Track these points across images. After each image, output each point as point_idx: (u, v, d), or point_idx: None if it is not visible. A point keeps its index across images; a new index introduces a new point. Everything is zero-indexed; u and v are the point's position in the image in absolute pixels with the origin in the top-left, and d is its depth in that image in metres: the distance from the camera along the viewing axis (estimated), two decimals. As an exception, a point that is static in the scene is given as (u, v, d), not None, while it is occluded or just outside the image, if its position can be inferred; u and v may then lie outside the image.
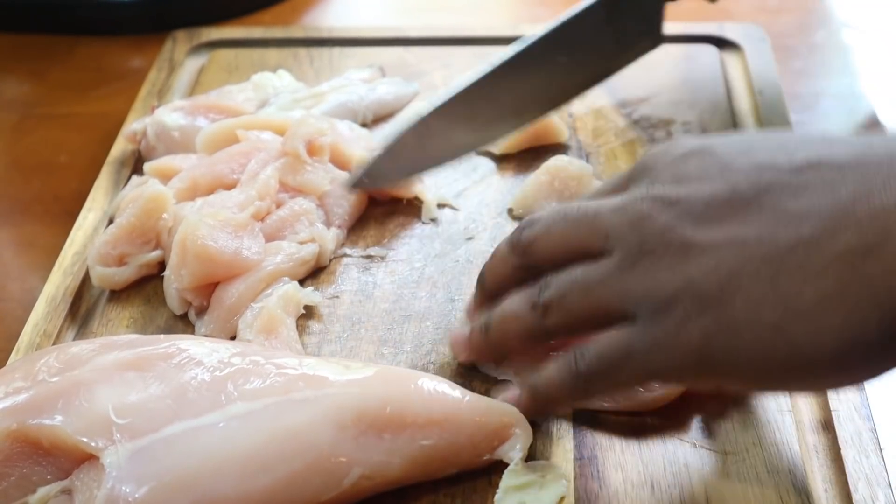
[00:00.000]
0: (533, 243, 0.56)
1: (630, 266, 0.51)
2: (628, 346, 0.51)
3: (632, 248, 0.52)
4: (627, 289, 0.51)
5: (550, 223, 0.56)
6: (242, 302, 0.64)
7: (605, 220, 0.53)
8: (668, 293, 0.50)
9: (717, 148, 0.53)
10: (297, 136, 0.71)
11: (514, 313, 0.56)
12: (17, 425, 0.50)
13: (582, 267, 0.53)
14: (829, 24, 0.99)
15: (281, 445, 0.50)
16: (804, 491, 0.53)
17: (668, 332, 0.50)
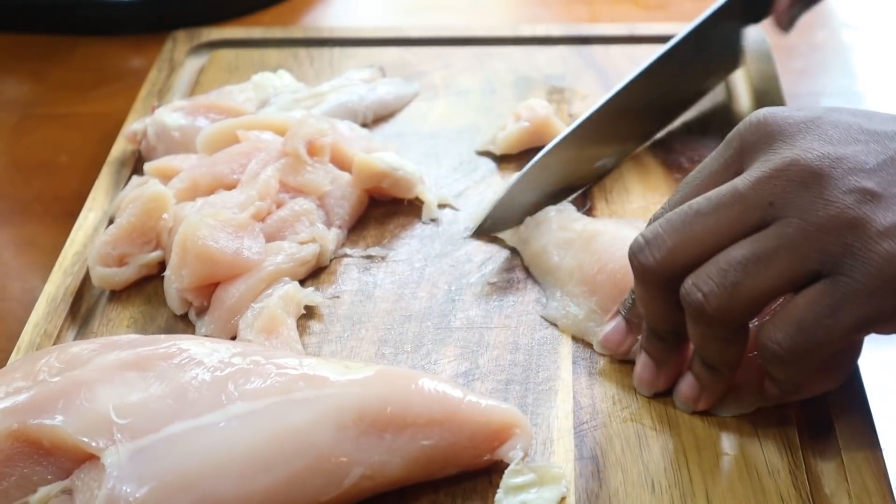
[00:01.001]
0: (668, 258, 0.53)
1: (815, 223, 0.50)
2: (834, 303, 0.50)
3: (810, 205, 0.50)
4: (821, 245, 0.50)
5: (681, 226, 0.53)
6: (243, 302, 0.64)
7: (761, 190, 0.52)
8: (866, 241, 0.49)
9: (842, 117, 0.54)
10: (297, 137, 0.71)
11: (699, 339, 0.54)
12: (17, 425, 0.50)
13: (742, 245, 0.51)
14: (829, 24, 0.99)
15: (281, 445, 0.50)
16: (804, 491, 0.53)
17: (884, 275, 0.49)
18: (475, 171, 0.77)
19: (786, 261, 0.50)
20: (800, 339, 0.51)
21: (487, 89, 0.86)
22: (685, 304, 0.53)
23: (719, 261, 0.52)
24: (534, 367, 0.61)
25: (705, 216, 0.52)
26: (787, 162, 0.52)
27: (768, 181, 0.52)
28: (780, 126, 0.54)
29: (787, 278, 0.51)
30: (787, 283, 0.51)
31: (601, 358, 0.61)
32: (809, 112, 0.55)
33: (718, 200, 0.52)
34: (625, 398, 0.59)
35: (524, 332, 0.63)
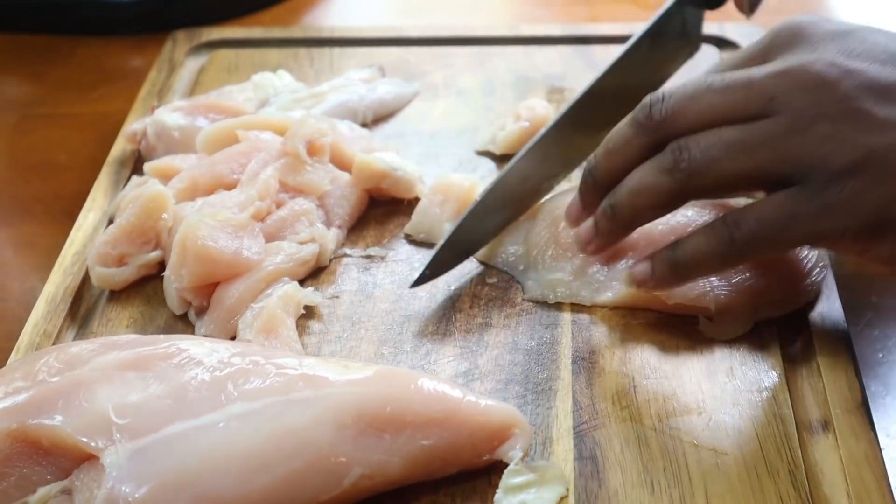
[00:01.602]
0: (673, 118, 0.56)
1: (802, 129, 0.53)
2: (795, 210, 0.53)
3: (805, 111, 0.53)
4: (799, 152, 0.53)
5: (692, 93, 0.56)
6: (243, 302, 0.64)
7: (767, 84, 0.54)
8: (846, 162, 0.52)
9: (873, 36, 0.56)
10: (297, 137, 0.71)
11: (647, 184, 0.57)
12: (17, 425, 0.50)
13: (735, 129, 0.54)
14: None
15: (281, 445, 0.50)
16: (804, 491, 0.53)
17: (842, 198, 0.52)
18: (475, 171, 0.77)
19: (764, 157, 0.54)
20: (757, 230, 0.54)
21: (487, 89, 0.86)
22: (665, 155, 0.56)
23: (710, 135, 0.55)
24: (533, 367, 0.61)
25: (714, 93, 0.56)
26: (800, 63, 0.54)
27: (777, 77, 0.54)
28: (809, 31, 0.56)
29: (760, 173, 0.54)
30: (759, 177, 0.54)
31: (601, 358, 0.61)
32: (844, 25, 0.57)
33: (730, 82, 0.56)
34: (624, 398, 0.59)
35: (524, 332, 0.63)
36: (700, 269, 0.58)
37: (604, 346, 0.62)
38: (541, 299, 0.65)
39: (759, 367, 0.60)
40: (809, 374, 0.60)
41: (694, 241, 0.57)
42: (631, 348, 0.62)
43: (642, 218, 0.59)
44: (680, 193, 0.57)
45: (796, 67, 0.54)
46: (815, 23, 0.57)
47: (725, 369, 0.60)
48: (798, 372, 0.60)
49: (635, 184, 0.58)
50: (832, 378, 0.59)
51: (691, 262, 0.57)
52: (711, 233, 0.56)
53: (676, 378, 0.60)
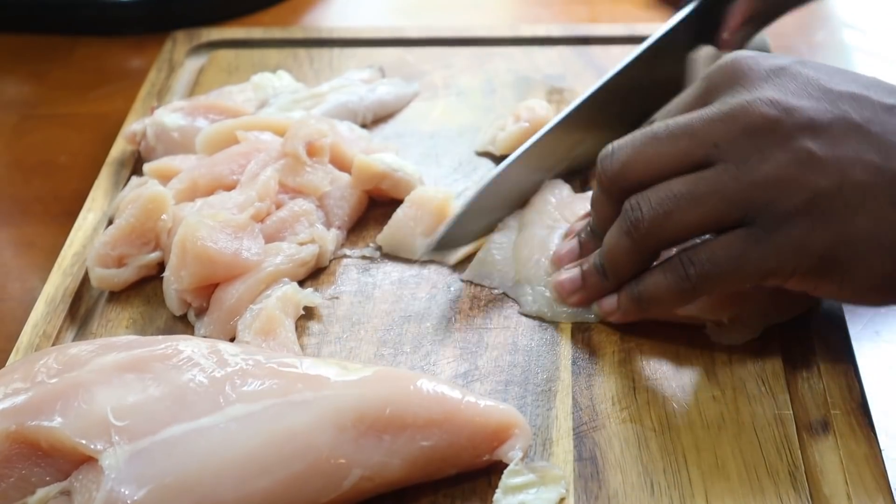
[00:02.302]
0: (621, 170, 0.58)
1: (747, 174, 0.54)
2: (744, 250, 0.54)
3: (749, 154, 0.54)
4: (747, 197, 0.54)
5: (639, 145, 0.57)
6: (242, 303, 0.64)
7: (710, 130, 0.55)
8: (793, 204, 0.53)
9: (805, 70, 0.56)
10: (297, 137, 0.70)
11: (615, 247, 0.58)
12: (16, 426, 0.50)
13: (684, 180, 0.55)
14: (829, 24, 0.99)
15: (280, 447, 0.50)
16: (804, 491, 0.53)
17: (790, 239, 0.53)
18: (475, 171, 0.77)
19: (713, 206, 0.55)
20: (709, 269, 0.56)
21: (487, 89, 0.86)
22: (623, 216, 0.57)
23: (660, 189, 0.56)
24: (533, 368, 0.61)
25: (659, 142, 0.57)
26: (738, 107, 0.55)
27: (718, 122, 0.55)
28: (744, 71, 0.57)
29: (713, 220, 0.56)
30: (712, 224, 0.56)
31: (600, 359, 0.61)
32: (777, 61, 0.57)
33: (673, 130, 0.56)
34: (624, 399, 0.59)
35: (523, 333, 0.63)
36: (660, 303, 0.59)
37: (604, 346, 0.62)
38: (537, 316, 0.64)
39: (759, 368, 0.60)
40: (809, 374, 0.60)
41: (653, 277, 0.58)
42: (631, 349, 0.62)
43: (623, 273, 0.60)
44: (644, 250, 0.58)
45: (736, 111, 0.55)
46: (749, 60, 0.57)
47: (725, 370, 0.60)
48: (798, 372, 0.60)
49: (606, 247, 0.60)
50: (832, 378, 0.59)
51: (651, 297, 0.59)
52: (669, 269, 0.57)
53: (676, 379, 0.60)
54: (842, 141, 0.54)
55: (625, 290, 0.60)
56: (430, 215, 0.69)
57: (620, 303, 0.60)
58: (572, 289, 0.62)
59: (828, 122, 0.54)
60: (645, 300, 0.59)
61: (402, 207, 0.70)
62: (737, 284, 0.57)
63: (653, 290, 0.58)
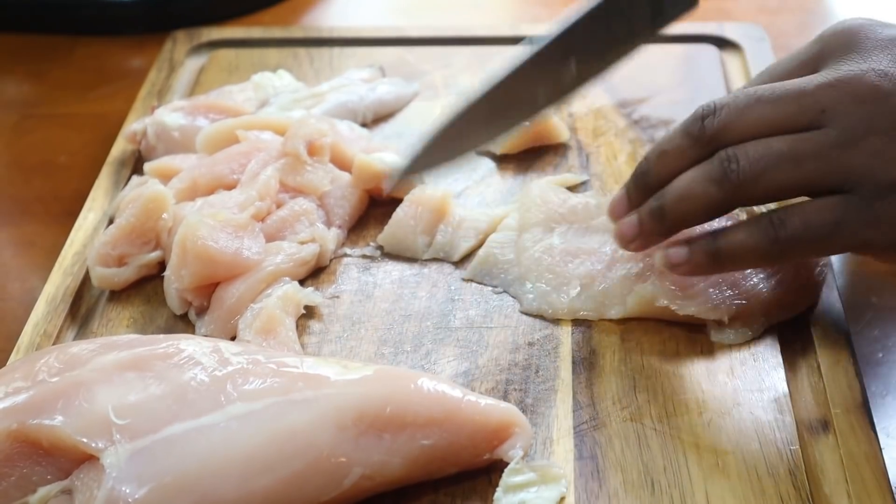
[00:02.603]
0: (724, 130, 0.57)
1: (852, 142, 0.53)
2: (842, 218, 0.54)
3: (857, 123, 0.53)
4: (849, 164, 0.53)
5: (743, 106, 0.56)
6: (243, 302, 0.64)
7: (819, 95, 0.55)
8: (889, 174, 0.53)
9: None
10: (297, 137, 0.70)
11: (695, 192, 0.57)
12: (17, 425, 0.50)
13: (785, 139, 0.55)
14: (829, 23, 0.99)
15: (281, 446, 0.50)
16: (804, 491, 0.53)
17: (889, 212, 0.53)
18: (475, 171, 0.77)
19: (813, 169, 0.54)
20: (801, 233, 0.55)
21: (487, 89, 0.86)
22: (714, 164, 0.56)
23: (759, 144, 0.55)
24: (533, 367, 0.61)
25: (765, 104, 0.56)
26: (851, 75, 0.55)
27: (828, 88, 0.55)
28: (862, 38, 0.56)
29: (809, 184, 0.55)
30: (807, 188, 0.55)
31: (601, 358, 0.61)
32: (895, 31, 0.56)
33: (781, 94, 0.56)
34: (625, 398, 0.59)
35: (524, 332, 0.63)
36: (739, 262, 0.58)
37: (604, 345, 0.62)
38: (538, 314, 0.64)
39: (760, 367, 0.60)
40: (809, 374, 0.60)
41: (737, 233, 0.57)
42: (631, 348, 0.62)
43: (688, 223, 0.59)
44: (727, 202, 0.57)
45: (848, 78, 0.55)
46: (867, 28, 0.57)
47: (726, 369, 0.60)
48: (798, 372, 0.60)
49: (683, 190, 0.58)
50: (832, 378, 0.59)
51: (732, 254, 0.57)
52: (756, 229, 0.56)
53: (676, 378, 0.60)
54: None
55: (700, 243, 0.58)
56: (430, 213, 0.69)
57: (693, 255, 0.59)
58: (632, 235, 0.61)
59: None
60: (723, 256, 0.58)
61: (402, 206, 0.70)
62: (826, 252, 0.57)
63: (735, 247, 0.57)
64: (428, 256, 0.69)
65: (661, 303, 0.62)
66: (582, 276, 0.65)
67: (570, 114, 0.82)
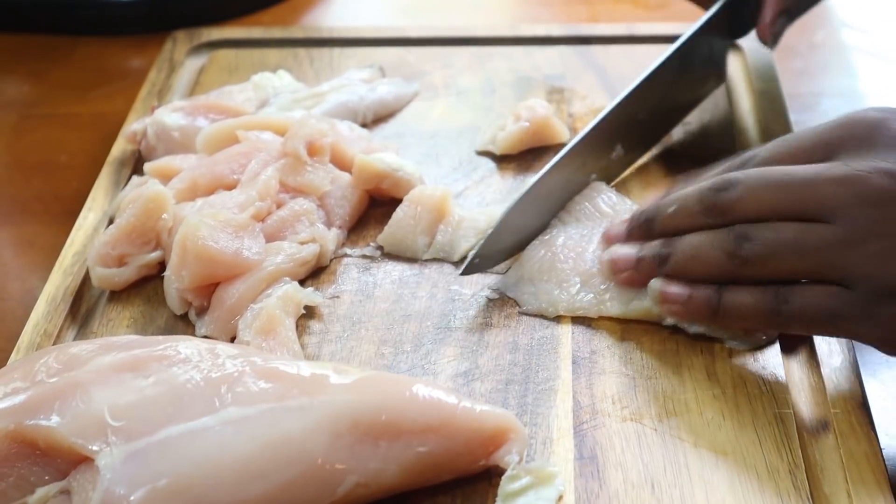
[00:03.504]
0: (733, 207, 0.58)
1: (855, 243, 0.55)
2: (839, 311, 0.55)
3: (860, 225, 0.55)
4: (851, 264, 0.55)
5: (755, 187, 0.58)
6: (243, 302, 0.64)
7: (827, 192, 0.56)
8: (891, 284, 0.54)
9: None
10: (297, 137, 0.70)
11: (705, 256, 0.59)
12: (14, 426, 0.50)
13: (793, 228, 0.56)
14: (829, 24, 0.99)
15: (275, 452, 0.50)
16: (804, 491, 0.53)
17: (884, 314, 0.54)
18: (475, 171, 0.77)
19: (816, 262, 0.56)
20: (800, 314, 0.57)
21: (487, 89, 0.86)
22: (729, 236, 0.58)
23: (770, 229, 0.57)
24: (533, 367, 0.61)
25: (778, 189, 0.57)
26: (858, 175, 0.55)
27: (835, 185, 0.56)
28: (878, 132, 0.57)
29: (812, 273, 0.57)
30: (811, 276, 0.57)
31: (601, 358, 0.61)
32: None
33: (790, 181, 0.57)
34: (625, 398, 0.59)
35: (524, 332, 0.63)
36: (737, 321, 0.60)
37: (604, 345, 0.62)
38: (538, 313, 0.64)
39: (759, 367, 0.60)
40: (809, 374, 0.60)
41: (744, 296, 0.59)
42: (631, 348, 0.62)
43: (688, 276, 0.60)
44: (732, 273, 0.58)
45: (854, 178, 0.55)
46: (887, 122, 0.57)
47: (725, 369, 0.60)
48: (798, 372, 0.60)
49: (694, 249, 0.60)
50: (832, 378, 0.59)
51: (732, 312, 0.59)
52: (762, 297, 0.58)
53: (676, 378, 0.60)
54: None
55: (703, 291, 0.60)
56: (429, 213, 0.69)
57: (693, 302, 0.60)
58: (625, 267, 0.63)
59: None
60: (723, 312, 0.59)
61: (401, 206, 0.70)
62: (825, 335, 0.60)
63: (738, 308, 0.59)
64: (428, 256, 0.69)
65: (667, 322, 0.62)
66: (582, 273, 0.65)
67: (570, 114, 0.82)
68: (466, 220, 0.70)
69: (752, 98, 0.83)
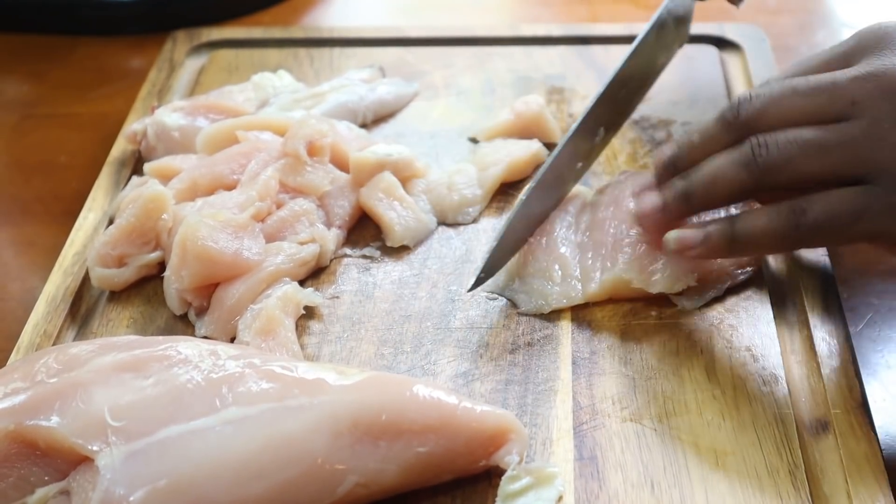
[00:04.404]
0: (758, 118, 0.58)
1: (879, 134, 0.55)
2: (864, 207, 0.55)
3: (883, 116, 0.55)
4: (874, 155, 0.55)
5: (778, 97, 0.58)
6: (243, 303, 0.64)
7: (850, 88, 0.56)
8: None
9: None
10: (297, 137, 0.70)
11: (723, 175, 0.58)
12: (14, 426, 0.50)
13: (813, 129, 0.56)
14: (829, 24, 0.99)
15: (276, 453, 0.50)
16: (804, 491, 0.53)
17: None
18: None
19: (838, 158, 0.55)
20: (823, 221, 0.56)
21: (487, 89, 0.86)
22: (744, 149, 0.58)
23: (789, 132, 0.57)
24: (533, 368, 0.61)
25: (799, 95, 0.57)
26: (883, 69, 0.56)
27: (860, 81, 0.56)
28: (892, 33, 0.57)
29: (833, 173, 0.56)
30: (833, 175, 0.56)
31: (601, 358, 0.61)
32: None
33: (814, 85, 0.57)
34: (624, 398, 0.59)
35: (524, 332, 0.63)
36: (757, 247, 0.59)
37: (604, 346, 0.62)
38: (536, 311, 0.65)
39: (759, 367, 0.60)
40: (809, 374, 0.60)
41: (758, 219, 0.58)
42: (631, 348, 0.62)
43: (714, 205, 0.61)
44: (753, 186, 0.58)
45: (879, 72, 0.56)
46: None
47: (725, 369, 0.60)
48: (798, 372, 0.60)
49: (712, 173, 0.59)
50: (832, 378, 0.59)
51: (751, 239, 0.58)
52: (777, 215, 0.57)
53: (676, 378, 0.60)
54: None
55: (717, 227, 0.59)
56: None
57: (710, 238, 0.59)
58: (653, 212, 0.62)
59: None
60: (741, 240, 0.59)
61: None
62: (844, 241, 0.59)
63: (754, 232, 0.58)
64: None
65: (633, 284, 0.63)
66: (558, 259, 0.66)
67: (570, 114, 0.82)
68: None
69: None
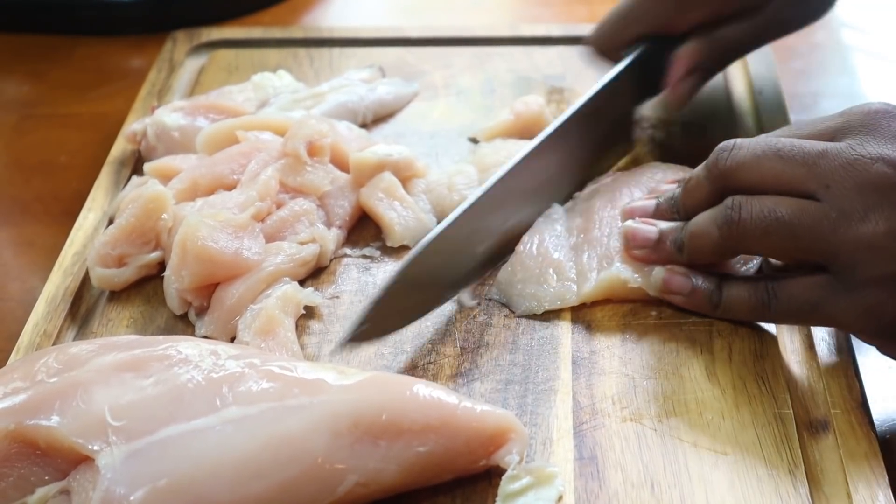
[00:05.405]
0: (736, 170, 0.59)
1: (845, 228, 0.55)
2: (821, 299, 0.57)
3: (853, 210, 0.55)
4: (837, 250, 0.55)
5: (759, 153, 0.58)
6: (243, 302, 0.64)
7: (827, 171, 0.56)
8: (877, 273, 0.55)
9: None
10: (297, 137, 0.70)
11: (702, 232, 0.60)
12: (14, 426, 0.50)
13: (788, 205, 0.57)
14: (829, 24, 0.99)
15: (276, 452, 0.50)
16: (804, 489, 0.53)
17: (864, 303, 0.55)
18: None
19: (806, 243, 0.56)
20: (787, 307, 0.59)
21: (487, 89, 0.86)
22: (721, 210, 0.59)
23: (765, 203, 0.57)
24: (533, 367, 0.61)
25: (779, 160, 0.58)
26: (858, 159, 0.56)
27: (837, 167, 0.56)
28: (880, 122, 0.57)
29: (799, 255, 0.58)
30: (798, 256, 0.58)
31: (601, 358, 0.61)
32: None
33: (797, 154, 0.57)
34: (624, 398, 0.59)
35: (524, 332, 0.63)
36: (735, 315, 0.62)
37: (604, 346, 0.62)
38: (530, 312, 0.64)
39: (759, 367, 0.60)
40: (809, 374, 0.60)
41: (737, 291, 0.61)
42: (631, 348, 0.62)
43: (701, 260, 0.62)
44: (730, 248, 0.60)
45: (858, 163, 0.56)
46: (891, 113, 0.58)
47: (725, 369, 0.60)
48: (798, 372, 0.60)
49: (694, 228, 0.61)
50: (832, 378, 0.59)
51: (730, 308, 0.61)
52: (755, 292, 0.60)
53: (676, 378, 0.60)
54: None
55: (704, 289, 0.61)
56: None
57: (695, 297, 0.62)
58: (643, 244, 0.63)
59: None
60: (722, 308, 0.61)
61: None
62: (811, 325, 0.61)
63: (734, 303, 0.61)
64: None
65: (631, 284, 0.63)
66: (552, 264, 0.65)
67: (570, 114, 0.82)
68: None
69: (751, 98, 0.83)
